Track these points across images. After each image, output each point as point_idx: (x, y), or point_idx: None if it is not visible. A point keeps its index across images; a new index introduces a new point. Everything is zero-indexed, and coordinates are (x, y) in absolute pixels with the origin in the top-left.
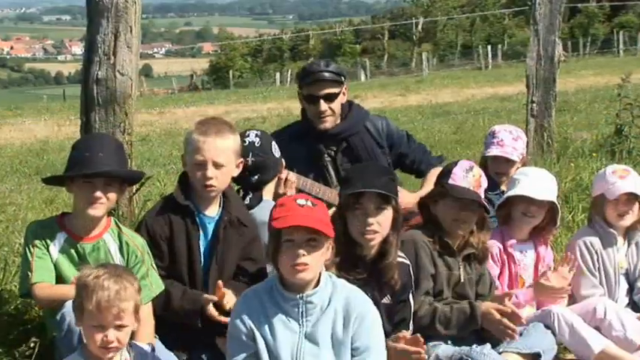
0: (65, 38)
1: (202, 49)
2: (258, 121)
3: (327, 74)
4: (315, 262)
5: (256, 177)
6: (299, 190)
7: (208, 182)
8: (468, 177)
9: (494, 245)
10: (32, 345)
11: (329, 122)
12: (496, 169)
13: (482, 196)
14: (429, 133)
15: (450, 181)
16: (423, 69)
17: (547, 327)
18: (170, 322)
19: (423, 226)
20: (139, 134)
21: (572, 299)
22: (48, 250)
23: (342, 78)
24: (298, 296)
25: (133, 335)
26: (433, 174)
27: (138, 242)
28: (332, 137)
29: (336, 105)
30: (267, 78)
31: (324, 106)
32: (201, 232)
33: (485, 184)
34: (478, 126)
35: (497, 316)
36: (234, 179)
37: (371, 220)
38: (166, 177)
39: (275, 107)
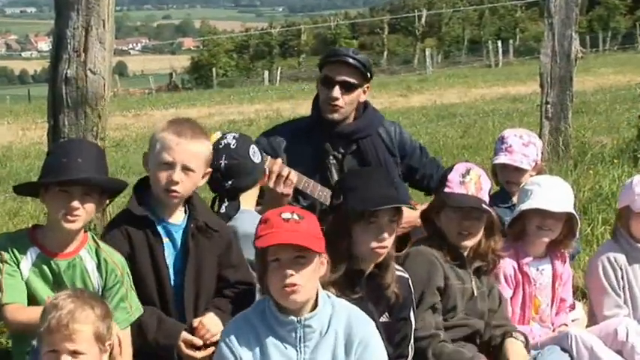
0: (30, 33)
1: (182, 45)
2: (244, 124)
3: (351, 60)
4: (307, 281)
5: (230, 182)
6: (297, 191)
7: (173, 187)
8: (465, 181)
9: (509, 265)
10: None
11: (338, 114)
12: (506, 177)
13: (487, 198)
14: (433, 138)
15: (446, 190)
16: (427, 67)
17: (564, 350)
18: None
19: (428, 240)
20: (112, 139)
21: (593, 320)
22: (18, 267)
23: (368, 73)
24: (296, 320)
25: None
26: None
27: (117, 260)
28: (342, 136)
29: (351, 98)
30: (254, 77)
31: (337, 92)
32: (167, 243)
33: (487, 185)
34: (487, 129)
35: None
36: (211, 187)
37: (385, 234)
38: None
39: (263, 109)
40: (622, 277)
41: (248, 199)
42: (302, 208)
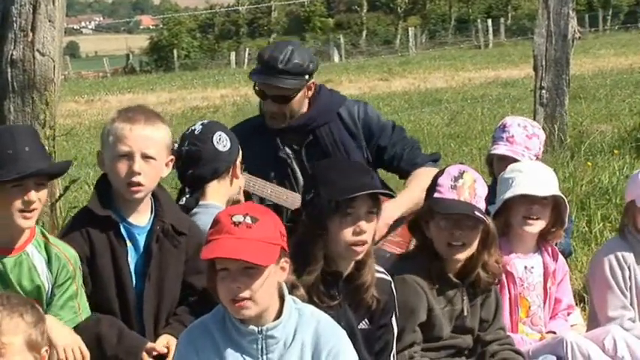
0: None
1: (140, 24)
2: (209, 111)
3: (281, 78)
4: (259, 293)
5: (190, 171)
6: (247, 194)
7: (135, 178)
8: (458, 185)
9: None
10: None
11: (277, 123)
12: (502, 170)
13: (483, 205)
14: (417, 125)
15: (436, 195)
16: (410, 47)
17: (559, 359)
18: None
19: (414, 255)
20: (63, 127)
21: (593, 325)
22: None
23: (306, 77)
24: (257, 330)
25: None
26: (418, 176)
27: (69, 254)
28: (293, 130)
29: (291, 107)
30: (219, 59)
31: (272, 106)
32: (129, 247)
33: (484, 191)
34: (476, 117)
35: None
36: (178, 175)
37: (364, 226)
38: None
39: (230, 94)
40: (629, 277)
41: (215, 192)
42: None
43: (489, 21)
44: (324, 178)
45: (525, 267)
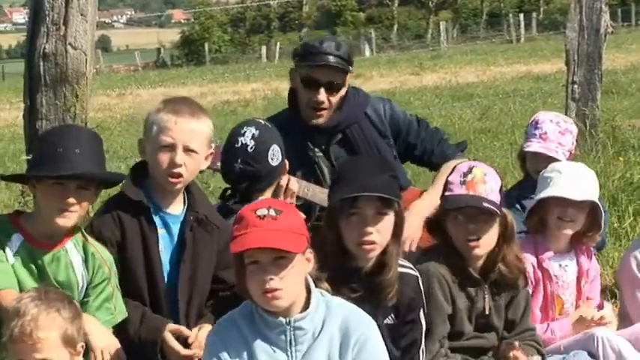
0: (4, 3)
1: (172, 18)
2: (239, 105)
3: (335, 59)
4: (289, 283)
5: (244, 185)
6: (300, 199)
7: (176, 170)
8: (467, 180)
9: (527, 261)
10: None
11: (324, 117)
12: (535, 167)
13: (497, 198)
14: (448, 120)
15: (447, 193)
16: (441, 42)
17: (590, 355)
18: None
19: (438, 249)
20: (94, 120)
21: (625, 322)
22: (4, 252)
23: (350, 67)
24: (285, 321)
25: None
26: (445, 172)
27: (106, 257)
28: (323, 131)
29: (337, 98)
30: (250, 53)
31: (323, 96)
32: (162, 234)
33: (496, 184)
34: (507, 112)
35: None
36: (226, 180)
37: (369, 228)
38: (128, 173)
39: (261, 88)
40: None
41: (265, 193)
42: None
43: (521, 15)
44: (337, 177)
45: (560, 265)
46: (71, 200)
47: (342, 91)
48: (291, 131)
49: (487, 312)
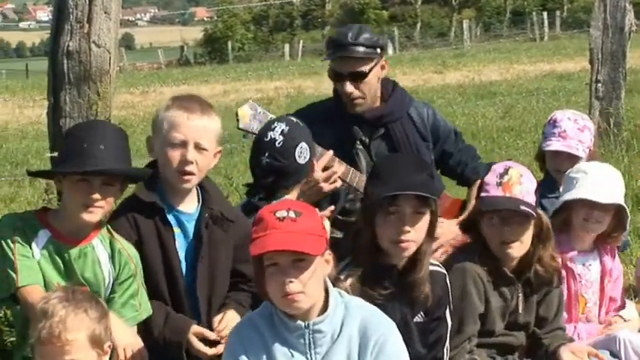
0: (29, 1)
1: (195, 16)
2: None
3: (354, 48)
4: (309, 285)
5: (270, 180)
6: (345, 184)
7: (187, 167)
8: (503, 182)
9: None
10: None
11: (360, 106)
12: (556, 166)
13: (532, 200)
14: (471, 119)
15: (483, 194)
16: (464, 40)
17: (613, 355)
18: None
19: (472, 249)
20: (117, 118)
21: None
22: (31, 249)
23: (377, 50)
24: (304, 325)
25: None
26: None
27: (132, 253)
28: (368, 122)
29: (368, 86)
30: (273, 51)
31: (349, 87)
32: (178, 233)
33: (532, 185)
34: (531, 110)
35: None
36: (253, 174)
37: (408, 227)
38: None
39: (284, 86)
40: None
41: (289, 194)
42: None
43: (545, 14)
44: (376, 173)
45: (583, 264)
46: (96, 196)
47: (373, 76)
48: (335, 121)
49: (520, 310)
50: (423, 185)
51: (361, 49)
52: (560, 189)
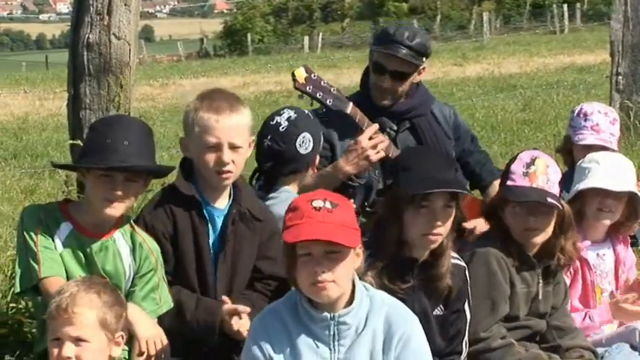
0: None
1: (214, 8)
2: (282, 96)
3: (404, 50)
4: (340, 277)
5: (269, 164)
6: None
7: (225, 168)
8: (530, 172)
9: None
10: None
11: (388, 101)
12: None
13: (557, 190)
14: (491, 111)
15: (509, 183)
16: (484, 33)
17: (633, 347)
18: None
19: (492, 236)
20: (137, 110)
21: None
22: (53, 240)
23: (423, 59)
24: (329, 316)
25: None
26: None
27: (153, 247)
28: (395, 115)
29: (403, 86)
30: (293, 43)
31: (388, 83)
32: (209, 228)
33: (557, 176)
34: (551, 103)
35: None
36: (256, 157)
37: (439, 222)
38: (171, 162)
39: None
40: None
41: (290, 183)
42: (357, 188)
43: (565, 6)
44: (406, 167)
45: (597, 254)
46: (119, 192)
47: (409, 81)
48: (364, 111)
49: (540, 297)
50: (457, 182)
51: (411, 52)
52: None
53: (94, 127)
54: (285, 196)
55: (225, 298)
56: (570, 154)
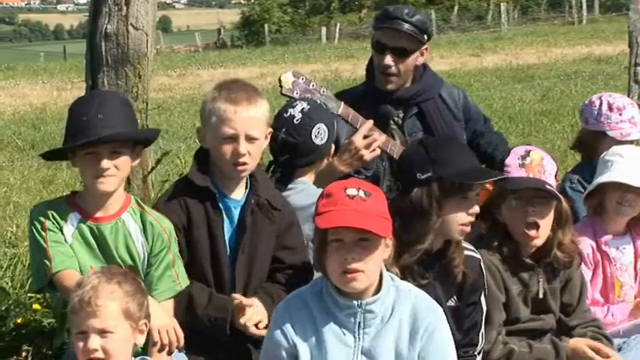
0: None
1: None
2: None
3: (405, 25)
4: (370, 266)
5: (285, 157)
6: (384, 152)
7: (242, 159)
8: (525, 163)
9: (587, 244)
10: (24, 354)
11: (392, 84)
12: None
13: (554, 182)
14: (509, 102)
15: (505, 175)
16: (502, 23)
17: None
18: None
19: (490, 237)
20: (155, 101)
21: None
22: (62, 233)
23: (424, 36)
24: (357, 304)
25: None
26: None
27: (165, 225)
28: (401, 101)
29: (406, 65)
30: (310, 34)
31: (389, 60)
32: (225, 219)
33: (553, 168)
34: (569, 94)
35: (591, 354)
36: (270, 150)
37: (476, 208)
38: (188, 153)
39: (320, 69)
40: None
41: (306, 174)
42: (365, 180)
43: None
44: (446, 159)
45: (617, 248)
46: (104, 164)
47: (414, 59)
48: (369, 101)
49: (541, 296)
50: (494, 171)
51: (412, 27)
52: None
53: (70, 109)
54: (301, 187)
55: (235, 295)
56: (592, 148)
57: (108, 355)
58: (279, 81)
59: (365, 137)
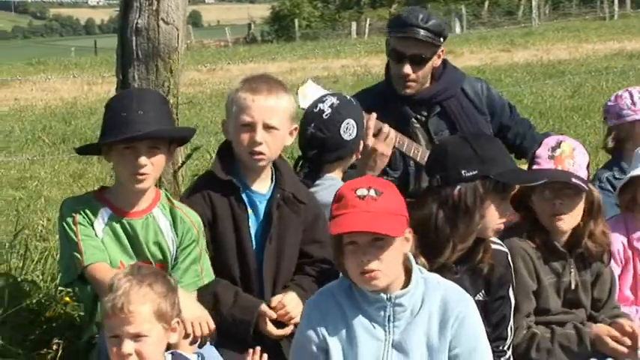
0: None
1: None
2: (329, 81)
3: (422, 32)
4: (387, 264)
5: (313, 152)
6: (396, 150)
7: (257, 148)
8: (555, 155)
9: (617, 240)
10: (55, 347)
11: (412, 90)
12: None
13: (584, 174)
14: (539, 98)
15: (535, 167)
16: (533, 18)
17: None
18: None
19: (521, 226)
20: (185, 95)
21: None
22: (93, 228)
23: (441, 39)
24: (386, 297)
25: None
26: None
27: (194, 219)
28: (422, 102)
29: (424, 71)
30: (340, 29)
31: (407, 69)
32: (250, 213)
33: (584, 159)
34: (600, 89)
35: (612, 344)
36: (299, 145)
37: (508, 212)
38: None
39: (350, 64)
40: None
41: (334, 169)
42: (391, 181)
43: None
44: (493, 157)
45: None
46: (143, 161)
47: (432, 63)
48: (391, 102)
49: (574, 287)
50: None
51: (428, 33)
52: None
53: (109, 104)
54: (329, 183)
55: (263, 306)
56: (626, 141)
57: (142, 358)
58: (297, 94)
59: (375, 135)
